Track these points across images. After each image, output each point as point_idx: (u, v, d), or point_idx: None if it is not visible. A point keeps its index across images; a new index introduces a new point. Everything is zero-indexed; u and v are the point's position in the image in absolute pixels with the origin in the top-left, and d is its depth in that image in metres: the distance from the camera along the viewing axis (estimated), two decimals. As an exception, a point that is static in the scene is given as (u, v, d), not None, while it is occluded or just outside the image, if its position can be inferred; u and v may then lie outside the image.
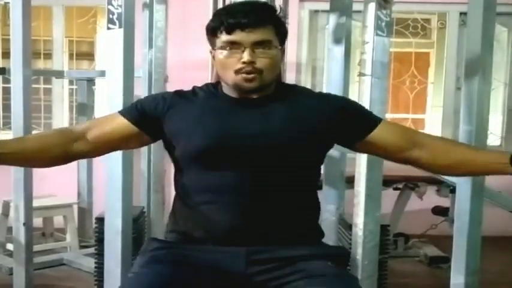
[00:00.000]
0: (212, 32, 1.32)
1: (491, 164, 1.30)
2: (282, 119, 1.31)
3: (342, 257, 1.40)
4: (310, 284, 1.22)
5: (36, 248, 2.80)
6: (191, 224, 1.33)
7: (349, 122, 1.37)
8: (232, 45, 1.28)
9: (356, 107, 1.45)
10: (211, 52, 1.36)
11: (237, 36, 1.27)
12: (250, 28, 1.27)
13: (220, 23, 1.29)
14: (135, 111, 1.37)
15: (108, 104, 1.85)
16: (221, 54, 1.30)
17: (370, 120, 1.38)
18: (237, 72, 1.29)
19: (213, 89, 1.40)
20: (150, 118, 1.35)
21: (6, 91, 4.18)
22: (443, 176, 2.70)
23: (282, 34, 1.34)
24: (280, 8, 1.37)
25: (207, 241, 1.30)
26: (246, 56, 1.27)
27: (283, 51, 1.38)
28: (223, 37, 1.29)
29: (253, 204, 1.28)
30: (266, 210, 1.29)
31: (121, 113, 1.38)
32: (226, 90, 1.37)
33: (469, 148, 1.54)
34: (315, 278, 1.22)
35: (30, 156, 1.28)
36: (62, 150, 1.30)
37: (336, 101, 1.45)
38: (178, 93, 1.40)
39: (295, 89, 1.45)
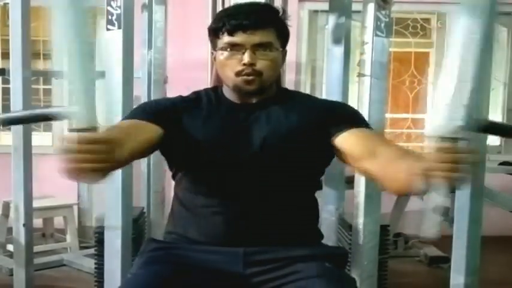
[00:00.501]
0: (214, 33, 1.32)
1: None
2: (281, 122, 1.31)
3: (340, 257, 1.40)
4: (308, 285, 1.21)
5: (36, 248, 2.80)
6: (189, 225, 1.34)
7: (330, 120, 1.32)
8: (233, 46, 1.28)
9: (344, 109, 1.42)
10: (212, 53, 1.36)
11: (238, 37, 1.27)
12: (252, 30, 1.27)
13: (222, 24, 1.29)
14: (152, 111, 1.32)
15: (107, 104, 1.85)
16: (222, 55, 1.30)
17: (344, 122, 1.31)
18: (238, 74, 1.29)
19: (213, 94, 1.39)
20: (167, 115, 1.31)
21: (6, 92, 4.18)
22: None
23: (283, 36, 1.35)
24: (283, 10, 1.37)
25: (204, 242, 1.30)
26: (246, 58, 1.27)
27: (284, 54, 1.37)
28: (225, 38, 1.29)
29: (251, 206, 1.28)
30: (264, 213, 1.29)
31: (138, 117, 1.30)
32: (227, 93, 1.37)
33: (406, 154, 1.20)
34: (312, 278, 1.22)
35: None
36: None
37: (333, 104, 1.45)
38: (183, 99, 1.39)
39: (296, 95, 1.45)
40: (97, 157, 0.96)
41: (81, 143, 0.96)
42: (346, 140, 1.28)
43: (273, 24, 1.32)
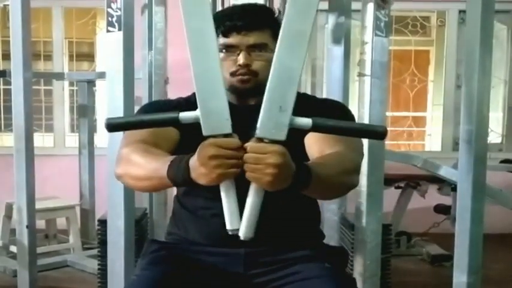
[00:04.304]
0: None
1: None
2: None
3: (340, 257, 1.40)
4: (308, 286, 1.22)
5: (39, 250, 2.81)
6: (190, 226, 1.34)
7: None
8: (229, 47, 1.29)
9: (326, 107, 1.39)
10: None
11: (233, 39, 1.28)
12: (246, 31, 1.27)
13: (217, 26, 1.29)
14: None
15: (109, 105, 1.85)
16: None
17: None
18: (233, 74, 1.29)
19: None
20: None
21: (7, 93, 4.19)
22: (444, 175, 2.71)
23: None
24: (279, 11, 1.37)
25: (206, 243, 1.31)
26: (241, 59, 1.27)
27: None
28: (220, 40, 1.29)
29: None
30: (264, 214, 1.29)
31: None
32: None
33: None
34: (312, 279, 1.23)
35: None
36: None
37: (324, 103, 1.43)
38: (185, 101, 1.39)
39: (297, 94, 1.44)
40: (239, 162, 1.01)
41: (229, 148, 1.00)
42: (308, 140, 1.28)
43: (269, 25, 1.31)
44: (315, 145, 1.25)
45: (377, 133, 1.06)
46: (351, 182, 1.22)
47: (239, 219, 1.04)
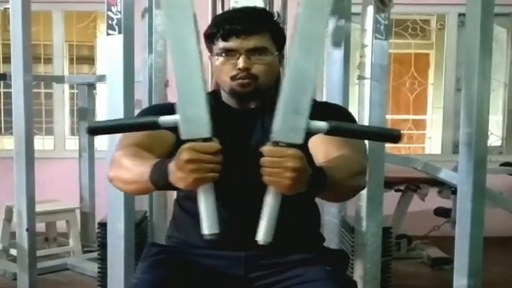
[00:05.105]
0: (209, 38, 1.33)
1: None
2: None
3: (341, 260, 1.41)
4: None
5: (39, 253, 2.81)
6: (190, 230, 1.34)
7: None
8: (228, 51, 1.29)
9: (327, 111, 1.35)
10: (209, 58, 1.37)
11: (233, 43, 1.28)
12: (245, 35, 1.27)
13: (217, 30, 1.30)
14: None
15: (109, 108, 1.85)
16: (217, 60, 1.31)
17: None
18: (233, 78, 1.29)
19: (212, 99, 1.39)
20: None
21: (7, 96, 4.19)
22: (444, 178, 2.71)
23: (279, 40, 1.34)
24: (278, 14, 1.38)
25: (206, 247, 1.30)
26: (241, 63, 1.27)
27: (281, 58, 1.38)
28: (220, 44, 1.30)
29: (251, 211, 1.28)
30: None
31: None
32: (225, 98, 1.37)
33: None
34: (313, 282, 1.23)
35: None
36: None
37: (324, 107, 1.42)
38: None
39: None
40: (217, 167, 1.01)
41: (206, 152, 0.99)
42: (312, 143, 1.27)
43: (268, 29, 1.31)
44: (320, 147, 1.24)
45: (393, 136, 1.08)
46: (361, 184, 1.23)
47: (217, 224, 1.03)
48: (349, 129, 1.07)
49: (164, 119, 1.04)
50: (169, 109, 1.39)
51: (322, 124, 1.03)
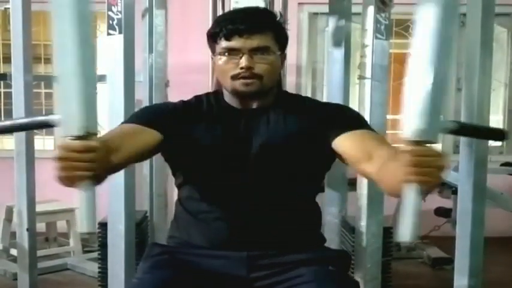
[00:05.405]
0: (212, 38, 1.33)
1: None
2: (281, 128, 1.31)
3: (343, 260, 1.41)
4: None
5: (39, 253, 2.80)
6: (192, 230, 1.34)
7: (331, 124, 1.31)
8: (231, 51, 1.29)
9: (343, 112, 1.41)
10: (212, 58, 1.37)
11: (235, 42, 1.28)
12: (248, 34, 1.27)
13: (220, 30, 1.30)
14: (151, 116, 1.32)
15: (109, 108, 1.85)
16: (220, 60, 1.31)
17: (342, 125, 1.30)
18: (234, 77, 1.29)
19: (214, 98, 1.39)
20: (166, 120, 1.31)
21: (8, 96, 4.19)
22: (444, 178, 2.71)
23: (281, 40, 1.35)
24: (281, 14, 1.38)
25: (208, 247, 1.31)
26: (243, 62, 1.27)
27: (284, 57, 1.38)
28: (222, 43, 1.29)
29: (253, 211, 1.29)
30: (266, 217, 1.29)
31: (137, 122, 1.30)
32: (228, 98, 1.37)
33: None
34: (316, 282, 1.23)
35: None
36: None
37: (333, 107, 1.44)
38: (184, 104, 1.39)
39: (297, 98, 1.45)
40: (89, 165, 0.96)
41: (74, 151, 0.96)
42: (343, 143, 1.27)
43: (270, 28, 1.32)
44: (361, 144, 1.25)
45: (500, 134, 1.11)
46: None
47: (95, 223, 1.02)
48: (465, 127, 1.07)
49: (51, 117, 1.04)
50: (163, 108, 1.40)
51: (451, 124, 1.04)
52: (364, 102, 1.84)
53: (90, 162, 0.96)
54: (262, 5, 1.72)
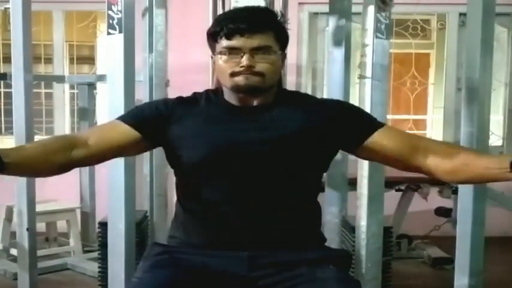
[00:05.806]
0: (212, 37, 1.32)
1: (492, 169, 1.23)
2: (281, 127, 1.31)
3: (344, 259, 1.41)
4: None
5: (39, 252, 2.81)
6: (193, 230, 1.34)
7: (349, 127, 1.35)
8: (232, 50, 1.28)
9: (355, 112, 1.43)
10: (212, 57, 1.37)
11: (236, 41, 1.27)
12: (249, 33, 1.27)
13: (220, 29, 1.29)
14: (136, 116, 1.36)
15: (110, 108, 1.85)
16: (221, 59, 1.30)
17: (368, 126, 1.34)
18: (234, 74, 1.29)
19: (214, 96, 1.39)
20: (151, 123, 1.34)
21: (8, 96, 4.19)
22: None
23: (282, 40, 1.34)
24: (282, 14, 1.38)
25: (208, 247, 1.30)
26: (245, 61, 1.27)
27: (284, 57, 1.38)
28: (223, 42, 1.29)
29: (253, 210, 1.28)
30: (267, 216, 1.29)
31: (121, 119, 1.36)
32: (227, 96, 1.37)
33: (472, 152, 1.44)
34: (317, 281, 1.23)
35: (33, 164, 1.23)
36: (63, 157, 1.24)
37: (336, 106, 1.43)
38: (181, 100, 1.39)
39: (296, 96, 1.44)
40: None
41: None
42: (378, 143, 1.32)
43: (271, 28, 1.31)
44: (401, 139, 1.33)
45: None
46: None
47: None
48: None
49: None
50: (153, 106, 1.40)
51: None
52: (365, 102, 1.84)
53: None
54: (262, 4, 1.72)
